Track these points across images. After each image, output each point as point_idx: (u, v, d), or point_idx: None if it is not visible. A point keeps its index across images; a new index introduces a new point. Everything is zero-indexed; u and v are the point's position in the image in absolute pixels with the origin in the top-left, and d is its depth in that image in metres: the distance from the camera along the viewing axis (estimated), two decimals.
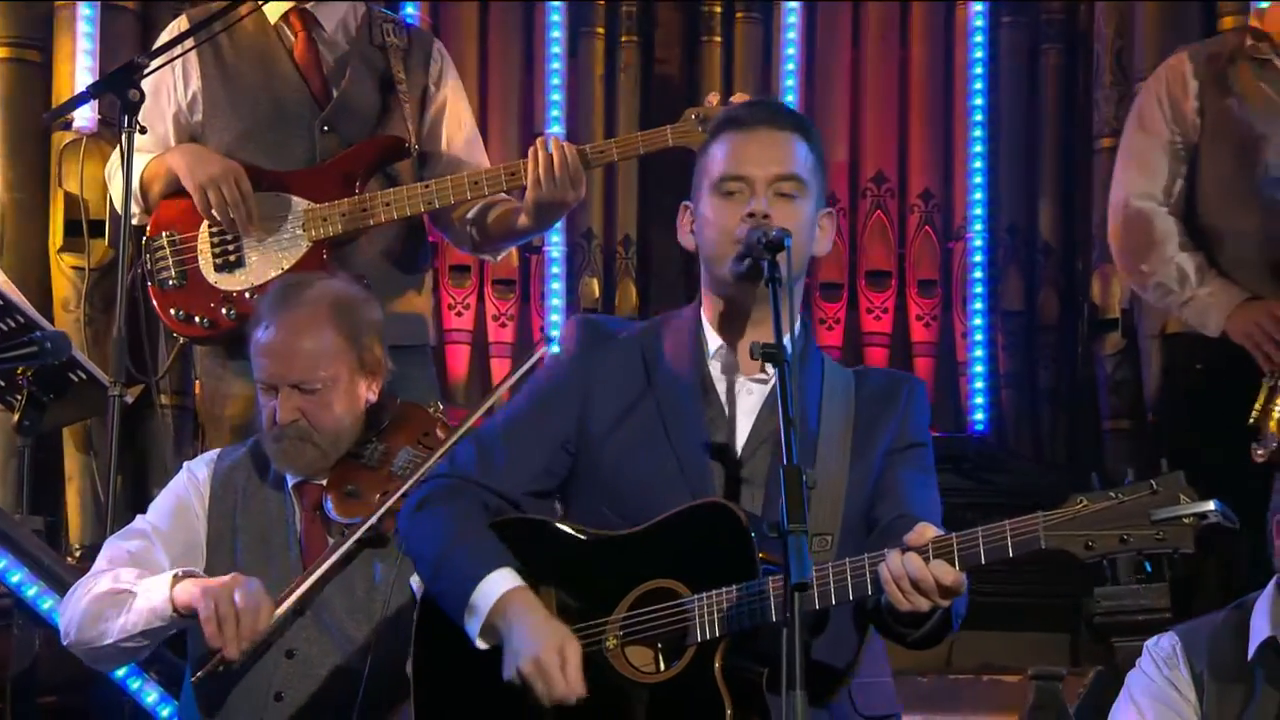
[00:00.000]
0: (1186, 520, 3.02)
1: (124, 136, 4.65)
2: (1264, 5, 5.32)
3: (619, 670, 3.30)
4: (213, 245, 4.92)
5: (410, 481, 4.04)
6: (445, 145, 5.15)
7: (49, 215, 6.16)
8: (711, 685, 3.22)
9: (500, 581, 3.33)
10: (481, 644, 3.35)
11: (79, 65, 6.13)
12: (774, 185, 3.41)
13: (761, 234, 3.31)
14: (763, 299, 3.31)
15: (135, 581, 3.98)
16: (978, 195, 6.92)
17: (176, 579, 3.93)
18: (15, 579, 4.94)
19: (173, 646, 4.35)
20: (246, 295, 4.87)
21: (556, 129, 6.76)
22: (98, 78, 5.99)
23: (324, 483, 4.13)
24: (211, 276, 4.93)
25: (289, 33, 5.05)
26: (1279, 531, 3.70)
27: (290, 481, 4.17)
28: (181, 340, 5.12)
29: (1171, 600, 5.25)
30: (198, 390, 5.27)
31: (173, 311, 4.95)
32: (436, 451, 4.08)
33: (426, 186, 4.90)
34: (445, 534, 3.41)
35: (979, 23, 6.96)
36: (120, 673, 4.76)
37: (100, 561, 4.12)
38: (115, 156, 4.98)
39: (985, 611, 3.81)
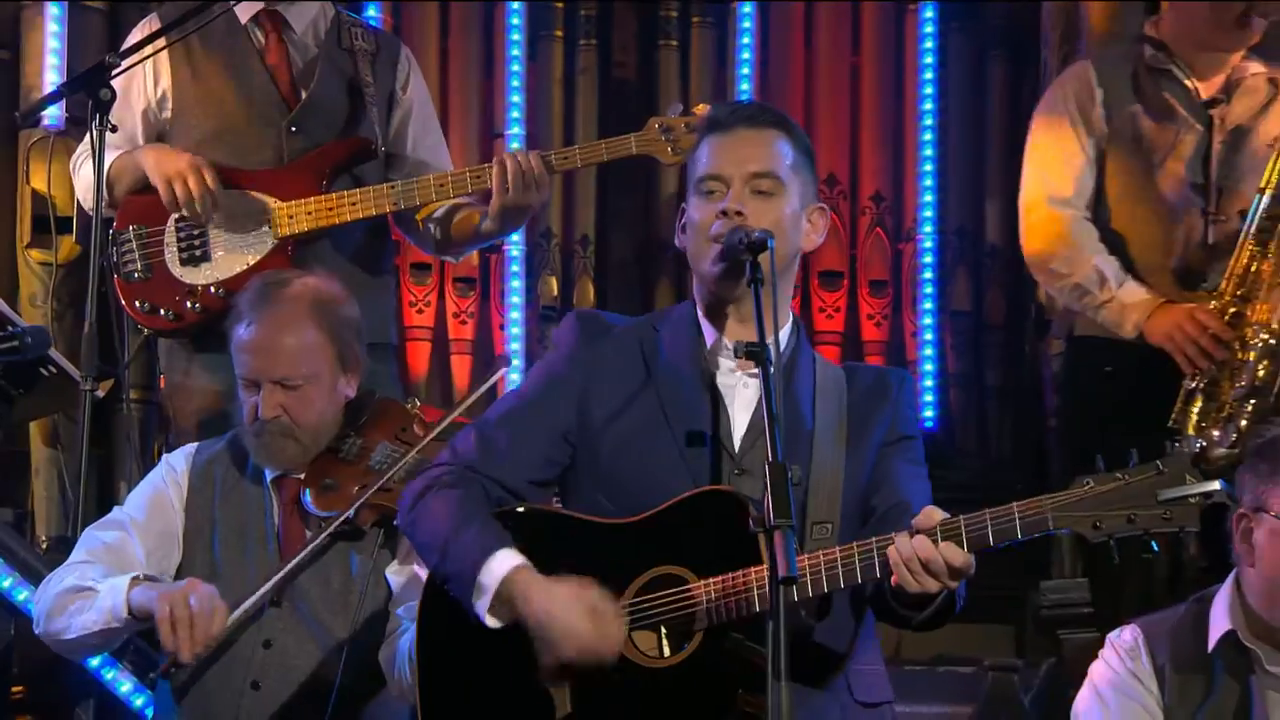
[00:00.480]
0: (1193, 500, 3.09)
1: (95, 135, 4.61)
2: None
3: (626, 655, 3.33)
4: (179, 239, 4.94)
5: (387, 475, 4.11)
6: (411, 148, 5.19)
7: (16, 212, 6.17)
8: (721, 669, 3.27)
9: (506, 559, 3.37)
10: (492, 622, 3.38)
11: (46, 64, 6.15)
12: (750, 183, 3.48)
13: (743, 235, 3.37)
14: (748, 295, 3.37)
15: (100, 580, 4.01)
16: (927, 198, 7.02)
17: (135, 581, 3.95)
18: None
19: (149, 638, 4.36)
20: (211, 289, 4.90)
21: (516, 130, 6.80)
22: (65, 77, 6.02)
23: (302, 476, 4.17)
24: (177, 270, 4.95)
25: (259, 34, 5.07)
26: (1238, 528, 3.76)
27: (269, 475, 4.21)
28: (146, 333, 5.13)
29: (1093, 596, 5.35)
30: (162, 384, 5.26)
31: (137, 304, 4.96)
32: (414, 447, 4.15)
33: (392, 187, 4.94)
34: (450, 518, 3.45)
35: (929, 29, 7.04)
36: (94, 663, 4.81)
37: (77, 552, 4.14)
38: (80, 149, 5.00)
39: None
